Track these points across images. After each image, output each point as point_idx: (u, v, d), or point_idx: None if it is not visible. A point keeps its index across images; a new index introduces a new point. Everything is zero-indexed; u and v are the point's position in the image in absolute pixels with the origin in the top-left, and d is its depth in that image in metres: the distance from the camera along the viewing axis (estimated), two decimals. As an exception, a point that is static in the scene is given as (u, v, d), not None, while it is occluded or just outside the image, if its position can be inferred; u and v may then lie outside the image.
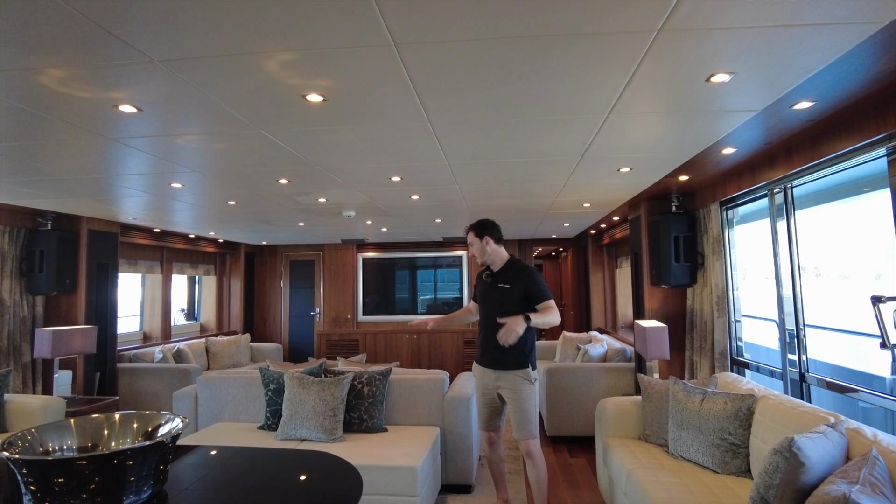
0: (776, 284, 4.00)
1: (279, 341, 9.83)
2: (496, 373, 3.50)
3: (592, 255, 8.82)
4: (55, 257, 5.46)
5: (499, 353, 3.43)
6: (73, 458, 1.96)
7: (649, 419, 3.77)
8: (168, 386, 6.16)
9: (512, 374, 3.45)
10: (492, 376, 3.53)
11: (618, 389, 5.41)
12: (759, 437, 2.98)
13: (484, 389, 3.61)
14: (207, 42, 1.83)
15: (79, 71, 2.03)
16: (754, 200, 4.37)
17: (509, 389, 3.46)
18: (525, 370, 3.45)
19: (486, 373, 3.56)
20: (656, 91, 2.37)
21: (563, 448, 5.36)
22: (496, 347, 3.36)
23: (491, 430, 3.68)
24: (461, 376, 4.80)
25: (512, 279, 3.50)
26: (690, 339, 5.12)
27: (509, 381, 3.45)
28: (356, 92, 2.32)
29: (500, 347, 3.32)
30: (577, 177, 4.21)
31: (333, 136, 2.99)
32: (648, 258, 5.37)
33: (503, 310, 3.37)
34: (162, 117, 2.62)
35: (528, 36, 1.82)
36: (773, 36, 1.82)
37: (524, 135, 3.05)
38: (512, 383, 3.44)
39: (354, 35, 1.79)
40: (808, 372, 3.74)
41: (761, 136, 3.17)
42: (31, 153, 3.25)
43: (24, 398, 4.51)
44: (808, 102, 2.52)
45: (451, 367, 8.75)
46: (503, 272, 3.58)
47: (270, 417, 4.14)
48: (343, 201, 5.23)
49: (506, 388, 3.47)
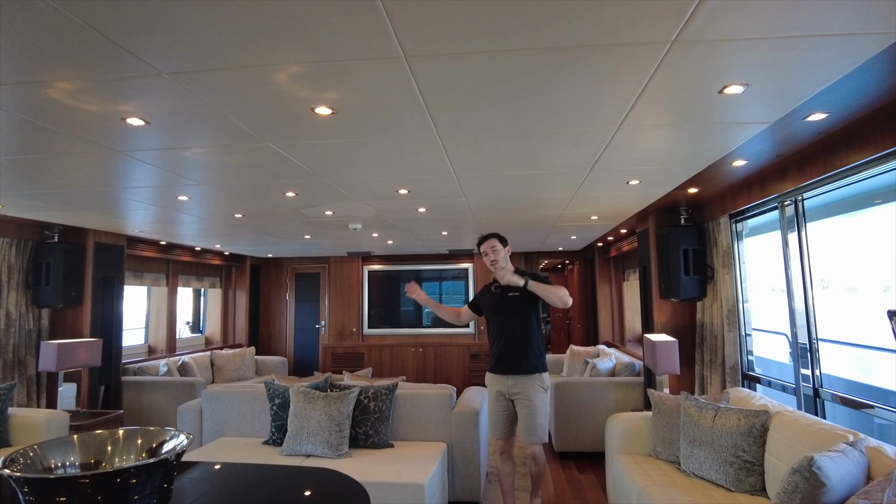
0: (788, 297, 3.95)
1: (284, 354, 9.78)
2: (513, 378, 3.65)
3: (599, 267, 8.77)
4: (61, 270, 5.44)
5: (515, 360, 3.63)
6: (76, 476, 1.92)
7: (660, 435, 3.71)
8: (173, 399, 6.13)
9: (528, 380, 3.62)
10: (508, 382, 3.67)
11: (627, 404, 5.34)
12: (774, 455, 2.92)
13: (499, 397, 3.73)
14: (217, 54, 1.82)
15: (87, 84, 2.02)
16: (764, 213, 4.33)
17: (524, 396, 3.61)
18: (540, 375, 3.65)
19: (502, 379, 3.70)
20: (668, 103, 2.35)
21: (571, 464, 5.29)
22: (512, 354, 3.63)
23: (506, 437, 3.77)
24: (468, 391, 4.74)
25: (520, 287, 3.62)
26: (700, 353, 5.05)
27: (525, 388, 3.61)
28: (365, 105, 2.31)
29: (515, 354, 3.62)
30: (586, 189, 4.18)
31: (341, 148, 2.98)
32: (657, 271, 5.32)
33: (517, 316, 3.65)
34: (169, 130, 2.61)
35: (540, 48, 1.80)
36: (788, 47, 1.80)
37: (533, 147, 3.02)
38: (527, 390, 3.61)
39: (365, 47, 1.78)
40: (823, 387, 3.68)
41: (773, 148, 3.14)
42: (38, 166, 3.25)
43: (27, 412, 4.48)
44: (822, 114, 2.49)
45: (457, 382, 8.69)
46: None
47: (275, 432, 4.09)
48: (350, 214, 5.22)
49: (521, 395, 3.62)
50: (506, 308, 3.72)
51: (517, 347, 3.65)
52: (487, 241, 3.74)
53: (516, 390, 3.64)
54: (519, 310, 3.68)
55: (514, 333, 3.66)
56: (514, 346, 3.66)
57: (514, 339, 3.66)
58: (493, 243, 3.72)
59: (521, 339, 3.66)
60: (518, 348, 3.65)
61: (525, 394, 3.60)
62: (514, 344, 3.66)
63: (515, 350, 3.64)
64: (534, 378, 3.63)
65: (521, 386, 3.62)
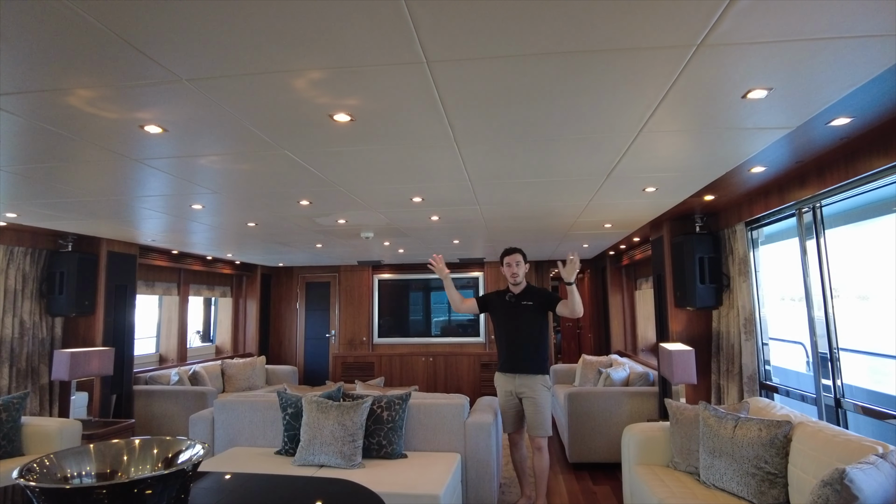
0: (807, 306, 3.89)
1: (294, 364, 9.76)
2: (519, 377, 4.14)
3: (611, 276, 8.70)
4: (75, 279, 5.46)
5: (521, 360, 4.15)
6: (93, 486, 1.90)
7: (678, 446, 3.65)
8: (184, 409, 6.11)
9: (533, 380, 4.11)
10: (516, 381, 4.16)
11: (642, 414, 5.28)
12: (798, 467, 2.85)
13: (508, 395, 4.22)
14: (237, 60, 1.81)
15: (107, 91, 2.02)
16: (781, 220, 4.28)
17: (530, 394, 4.10)
18: (544, 377, 4.15)
19: (509, 378, 4.21)
20: (690, 108, 2.32)
21: (585, 475, 5.21)
22: (519, 355, 4.17)
23: (514, 430, 4.29)
24: (481, 401, 4.70)
25: (533, 298, 4.23)
26: (717, 362, 4.98)
27: (529, 387, 4.10)
28: (384, 111, 2.29)
29: (523, 355, 4.15)
30: (601, 197, 4.15)
31: (358, 156, 2.97)
32: (672, 280, 5.27)
33: (529, 323, 4.18)
34: (186, 137, 2.61)
35: (563, 52, 1.78)
36: (817, 49, 1.77)
37: (550, 154, 3.00)
38: (532, 388, 4.10)
39: (388, 52, 1.76)
40: (844, 397, 3.61)
41: (793, 154, 3.10)
42: (54, 175, 3.26)
43: (40, 421, 4.48)
44: (846, 118, 2.45)
45: (467, 391, 8.63)
46: (525, 293, 4.28)
47: (288, 442, 4.06)
48: (362, 222, 5.21)
49: (526, 393, 4.11)
50: (520, 316, 4.20)
51: (528, 351, 4.15)
52: (513, 254, 4.26)
53: (523, 389, 4.12)
54: (532, 318, 4.18)
55: (526, 338, 4.17)
56: (526, 349, 4.16)
57: (526, 343, 4.16)
58: (517, 258, 4.26)
59: (532, 344, 4.16)
60: (528, 352, 4.15)
61: (530, 392, 4.09)
62: (525, 347, 4.16)
63: (525, 353, 4.15)
64: (538, 378, 4.11)
65: (527, 385, 4.10)
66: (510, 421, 4.26)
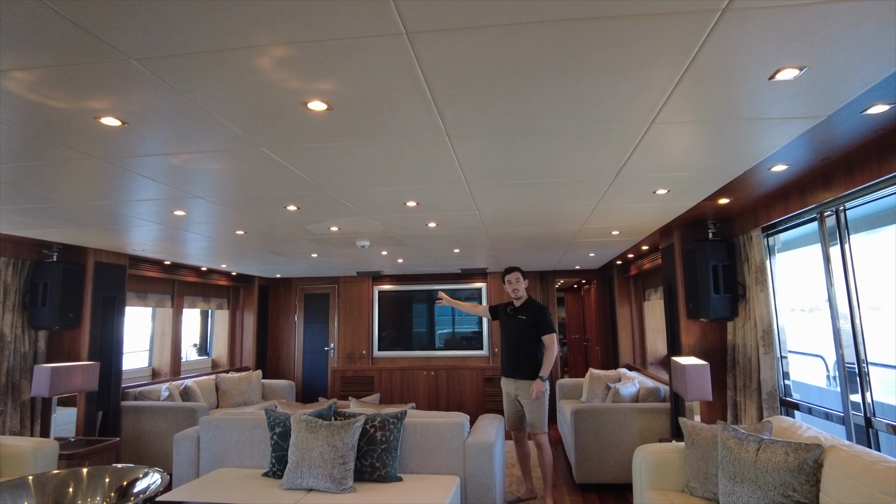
0: (832, 317, 3.61)
1: (292, 378, 9.47)
2: (515, 381, 4.68)
3: (619, 287, 8.41)
4: (59, 290, 5.23)
5: (516, 367, 4.70)
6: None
7: (694, 469, 3.37)
8: (173, 426, 5.83)
9: (526, 384, 4.60)
10: (512, 385, 4.71)
11: (653, 433, 4.98)
12: (832, 497, 2.56)
13: (508, 396, 4.79)
14: (187, 34, 1.57)
15: (47, 73, 1.78)
16: (800, 225, 4.00)
17: (525, 396, 4.59)
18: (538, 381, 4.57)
19: (508, 381, 4.77)
20: (708, 94, 2.06)
21: (593, 497, 4.91)
22: (515, 362, 4.72)
23: (517, 428, 4.79)
24: (482, 419, 4.42)
25: (528, 313, 4.77)
26: (733, 377, 4.68)
27: (525, 390, 4.60)
28: (364, 98, 2.04)
29: (517, 362, 4.70)
30: (608, 200, 3.88)
31: (341, 153, 2.72)
32: (684, 290, 4.98)
33: (523, 334, 4.72)
34: (150, 132, 2.37)
35: (566, 19, 1.52)
36: (863, 15, 1.51)
37: (552, 150, 2.74)
38: (527, 392, 4.58)
39: (360, 21, 1.52)
40: (875, 416, 3.31)
41: (818, 150, 2.83)
42: (25, 176, 3.02)
43: (14, 441, 4.22)
44: (885, 105, 2.18)
45: (470, 408, 8.33)
46: (524, 307, 4.83)
47: (276, 464, 3.80)
48: (356, 230, 4.96)
49: (522, 395, 4.62)
50: (516, 327, 4.79)
51: (520, 358, 4.68)
52: (513, 273, 4.86)
53: (519, 392, 4.64)
54: (525, 330, 4.72)
55: (520, 347, 4.71)
56: (519, 356, 4.69)
57: (519, 352, 4.70)
58: (517, 276, 4.85)
59: (524, 352, 4.68)
60: (521, 359, 4.68)
61: (526, 395, 4.59)
62: (518, 355, 4.70)
63: (519, 360, 4.69)
64: (531, 383, 4.57)
65: (523, 389, 4.61)
66: (512, 420, 4.78)
